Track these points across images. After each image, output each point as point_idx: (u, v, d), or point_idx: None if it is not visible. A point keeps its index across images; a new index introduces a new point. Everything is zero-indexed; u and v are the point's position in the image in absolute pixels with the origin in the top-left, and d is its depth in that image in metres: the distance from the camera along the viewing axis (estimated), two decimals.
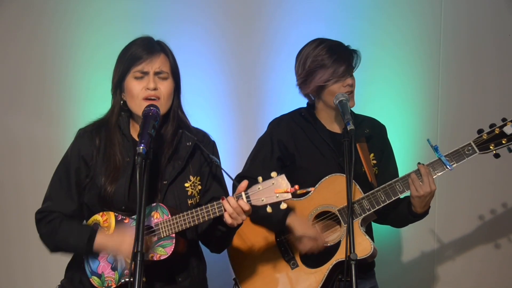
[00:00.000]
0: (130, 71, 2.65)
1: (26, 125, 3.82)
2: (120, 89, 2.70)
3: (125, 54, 2.69)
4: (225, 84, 3.87)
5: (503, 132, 2.89)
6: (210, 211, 2.53)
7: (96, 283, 2.60)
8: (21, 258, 3.78)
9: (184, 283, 2.67)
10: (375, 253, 2.94)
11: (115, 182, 2.62)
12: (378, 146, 3.16)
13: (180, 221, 2.55)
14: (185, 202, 2.68)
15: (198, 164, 2.75)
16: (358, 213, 2.95)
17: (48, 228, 2.65)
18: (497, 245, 3.90)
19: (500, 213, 3.88)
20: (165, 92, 2.65)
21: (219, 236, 2.68)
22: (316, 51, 3.06)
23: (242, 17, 3.88)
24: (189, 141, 2.72)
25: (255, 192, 2.47)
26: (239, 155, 3.61)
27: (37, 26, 3.80)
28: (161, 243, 2.56)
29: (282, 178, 2.44)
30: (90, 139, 2.70)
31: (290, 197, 2.43)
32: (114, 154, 2.66)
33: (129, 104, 2.67)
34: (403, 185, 2.94)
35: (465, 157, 2.91)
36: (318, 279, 2.93)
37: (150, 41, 2.72)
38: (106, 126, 2.71)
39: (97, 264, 2.61)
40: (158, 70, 2.64)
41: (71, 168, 2.69)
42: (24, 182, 3.78)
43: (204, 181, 2.76)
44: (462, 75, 3.96)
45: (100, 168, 2.66)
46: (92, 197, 2.66)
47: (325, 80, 3.01)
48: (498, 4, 3.96)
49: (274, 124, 3.20)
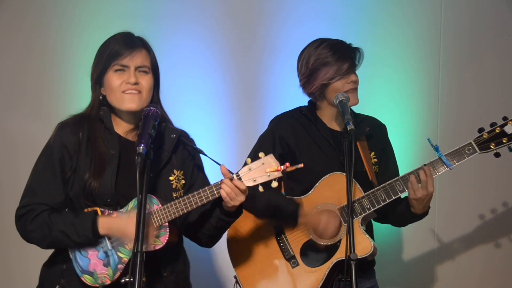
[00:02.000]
0: (110, 66, 2.65)
1: (24, 125, 3.81)
2: (99, 84, 2.70)
3: (105, 49, 2.69)
4: (225, 83, 3.86)
5: (503, 132, 2.88)
6: (203, 196, 2.53)
7: (89, 282, 2.56)
8: (19, 258, 3.75)
9: (170, 277, 2.65)
10: (375, 252, 2.94)
11: (101, 174, 2.59)
12: (378, 144, 3.16)
13: (173, 209, 2.54)
14: (170, 195, 2.66)
15: (181, 158, 2.74)
16: (358, 212, 2.94)
17: (36, 225, 2.59)
18: (498, 245, 3.89)
19: (501, 213, 3.87)
20: (146, 86, 2.64)
21: (219, 226, 2.67)
22: (319, 50, 3.07)
23: (243, 16, 3.88)
24: (173, 133, 2.72)
25: (246, 173, 2.50)
26: (239, 154, 3.61)
27: (36, 26, 3.79)
28: (155, 233, 2.53)
29: (271, 157, 2.48)
30: (73, 132, 2.66)
31: (281, 175, 2.46)
32: (99, 147, 2.64)
33: (109, 98, 2.66)
34: (404, 184, 2.93)
35: (466, 157, 2.91)
36: (319, 278, 2.93)
37: (130, 36, 2.72)
38: (87, 120, 2.69)
39: (87, 262, 2.57)
40: (140, 65, 2.64)
41: (55, 158, 2.64)
42: (23, 182, 3.74)
43: (188, 175, 2.74)
44: (462, 74, 3.96)
45: (84, 161, 2.62)
46: (76, 191, 2.61)
47: (329, 78, 3.02)
48: (498, 4, 3.96)
49: (275, 121, 3.20)
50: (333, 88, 3.04)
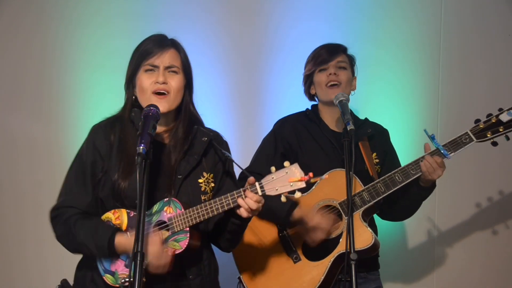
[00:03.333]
0: (141, 66, 2.65)
1: (25, 125, 3.81)
2: (132, 85, 2.70)
3: (137, 50, 2.70)
4: (225, 83, 3.87)
5: (500, 120, 2.89)
6: (224, 202, 2.51)
7: (110, 281, 2.56)
8: (19, 257, 3.75)
9: (195, 281, 2.63)
10: (377, 244, 2.95)
11: (129, 176, 2.59)
12: (380, 146, 3.21)
13: (193, 214, 2.53)
14: (198, 197, 2.65)
15: (212, 162, 2.73)
16: (359, 205, 2.96)
17: (63, 230, 2.61)
18: (500, 245, 3.88)
19: (502, 209, 3.86)
20: (175, 87, 2.64)
21: (233, 230, 2.66)
22: (311, 53, 3.25)
23: (242, 17, 3.90)
24: (204, 136, 2.71)
25: (269, 182, 2.45)
26: (239, 154, 3.59)
27: (36, 26, 3.81)
28: (175, 237, 2.53)
29: (295, 167, 2.42)
30: (105, 134, 2.67)
31: (304, 185, 2.41)
32: (129, 149, 2.63)
33: (140, 99, 2.67)
34: (403, 175, 2.95)
35: (463, 146, 2.92)
36: (320, 272, 2.94)
37: (162, 37, 2.73)
38: (120, 121, 2.69)
39: (110, 262, 2.57)
40: (168, 65, 2.64)
41: (87, 161, 2.65)
42: (23, 182, 3.76)
43: (217, 179, 2.73)
44: (462, 74, 3.96)
45: (114, 162, 2.63)
46: (106, 192, 2.62)
47: (309, 70, 3.20)
48: (498, 4, 3.96)
49: (278, 123, 3.28)
50: (316, 82, 3.18)
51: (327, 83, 3.12)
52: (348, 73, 3.16)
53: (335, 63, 3.14)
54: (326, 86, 3.13)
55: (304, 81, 3.27)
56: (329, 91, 3.11)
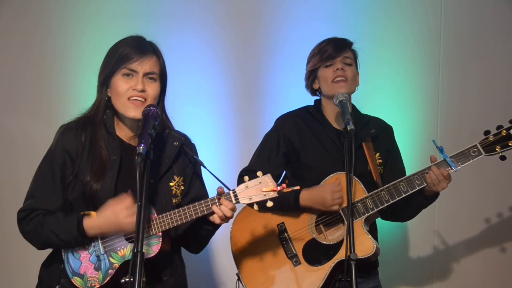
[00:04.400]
0: (119, 69, 2.62)
1: (24, 126, 3.80)
2: (106, 86, 2.67)
3: (115, 51, 2.66)
4: (225, 83, 3.87)
5: (510, 135, 2.88)
6: (198, 209, 2.57)
7: (78, 284, 2.56)
8: (19, 258, 3.74)
9: (169, 281, 2.67)
10: (378, 252, 2.95)
11: (101, 179, 2.59)
12: (384, 145, 3.18)
13: (167, 219, 2.56)
14: (170, 201, 2.68)
15: (182, 165, 2.75)
16: (361, 212, 2.95)
17: (31, 226, 2.60)
18: (499, 246, 3.91)
19: (501, 213, 3.88)
20: (152, 94, 2.63)
21: (203, 235, 2.72)
22: (314, 48, 3.20)
23: (243, 16, 3.89)
24: (175, 141, 2.73)
25: (242, 191, 2.55)
26: (239, 155, 3.61)
27: (35, 26, 3.78)
28: (146, 242, 2.53)
29: (268, 177, 2.54)
30: (75, 136, 2.66)
31: (277, 195, 2.51)
32: (100, 151, 2.63)
33: (114, 101, 2.65)
34: (408, 185, 2.94)
35: (471, 159, 2.91)
36: (320, 277, 2.94)
37: (141, 41, 2.70)
38: (91, 123, 2.68)
39: (79, 264, 2.58)
40: (149, 71, 2.63)
41: (56, 163, 2.64)
42: (22, 183, 3.69)
43: (187, 182, 2.76)
44: (462, 74, 3.97)
45: (85, 165, 2.62)
46: (76, 195, 2.61)
47: (314, 65, 3.15)
48: (498, 4, 3.96)
49: (280, 120, 3.23)
50: (321, 77, 3.13)
51: (334, 78, 3.08)
52: (353, 69, 3.13)
53: (341, 59, 3.10)
54: (333, 81, 3.08)
55: (307, 75, 3.22)
56: (336, 86, 3.07)
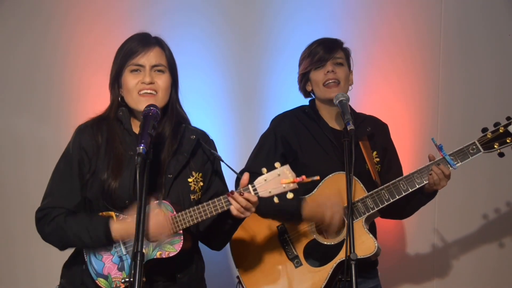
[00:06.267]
0: (126, 65, 2.62)
1: (33, 127, 3.78)
2: (118, 85, 2.67)
3: (121, 49, 2.67)
4: (225, 84, 3.86)
5: (507, 131, 2.89)
6: (218, 205, 2.52)
7: (103, 285, 2.54)
8: (25, 258, 3.75)
9: (183, 279, 2.64)
10: (379, 252, 2.94)
11: (119, 176, 2.57)
12: (380, 144, 3.17)
13: (187, 217, 2.52)
14: (188, 197, 2.64)
15: (200, 161, 2.72)
16: (362, 211, 2.95)
17: (52, 227, 2.57)
18: (498, 244, 3.91)
19: (501, 211, 3.88)
20: (162, 86, 2.62)
21: (226, 230, 2.67)
22: (305, 49, 3.20)
23: (243, 19, 3.88)
24: (192, 134, 2.70)
25: (262, 184, 2.48)
26: (239, 155, 3.60)
27: (45, 28, 3.77)
28: (168, 240, 2.53)
29: (287, 169, 2.46)
30: (91, 134, 2.65)
31: (297, 187, 2.45)
32: (117, 148, 2.61)
33: (126, 99, 2.64)
34: (407, 183, 2.94)
35: (470, 156, 2.92)
36: (322, 278, 2.93)
37: (146, 35, 2.70)
38: (107, 121, 2.67)
39: (102, 266, 2.56)
40: (155, 63, 2.62)
41: (74, 161, 2.62)
42: (30, 184, 3.73)
43: (206, 178, 2.73)
44: (462, 74, 3.97)
45: (102, 162, 2.61)
46: (95, 192, 2.60)
47: (305, 68, 3.14)
48: (498, 4, 3.97)
49: (277, 120, 3.21)
50: (313, 80, 3.13)
51: (325, 81, 3.08)
52: (345, 69, 3.12)
53: (332, 60, 3.09)
54: (324, 85, 3.08)
55: (299, 78, 3.22)
56: (328, 90, 3.07)
